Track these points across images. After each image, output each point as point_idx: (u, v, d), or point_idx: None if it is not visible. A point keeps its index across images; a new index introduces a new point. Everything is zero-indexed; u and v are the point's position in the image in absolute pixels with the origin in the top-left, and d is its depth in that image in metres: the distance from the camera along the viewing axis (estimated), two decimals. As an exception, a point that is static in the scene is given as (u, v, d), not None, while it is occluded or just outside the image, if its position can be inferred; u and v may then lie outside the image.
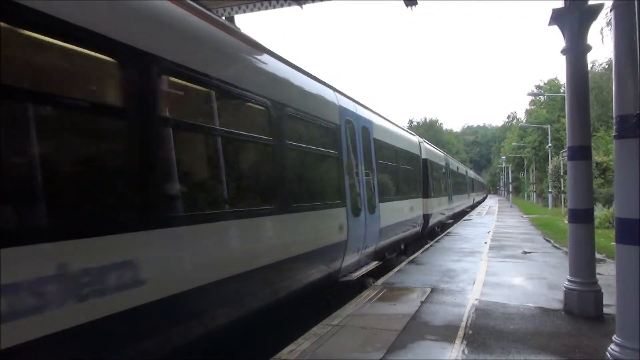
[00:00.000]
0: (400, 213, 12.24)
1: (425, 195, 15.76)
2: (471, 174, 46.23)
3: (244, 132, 5.36)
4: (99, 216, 3.46)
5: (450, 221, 24.03)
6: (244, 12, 9.21)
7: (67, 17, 3.09)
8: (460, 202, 29.34)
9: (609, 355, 4.37)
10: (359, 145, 8.95)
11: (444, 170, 21.41)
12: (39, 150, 2.98)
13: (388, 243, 10.89)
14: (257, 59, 5.87)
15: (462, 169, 34.41)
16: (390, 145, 11.76)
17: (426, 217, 15.64)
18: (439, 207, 18.49)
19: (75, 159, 3.40)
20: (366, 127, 9.60)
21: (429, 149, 17.77)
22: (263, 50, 6.01)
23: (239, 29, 5.76)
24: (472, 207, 42.47)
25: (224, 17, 8.49)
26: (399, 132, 13.47)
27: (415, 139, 16.07)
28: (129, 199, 3.70)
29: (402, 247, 13.23)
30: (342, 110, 8.37)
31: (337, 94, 8.36)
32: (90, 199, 3.43)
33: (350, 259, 8.23)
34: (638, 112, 4.07)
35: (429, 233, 17.09)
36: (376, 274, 9.87)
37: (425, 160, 16.25)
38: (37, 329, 2.79)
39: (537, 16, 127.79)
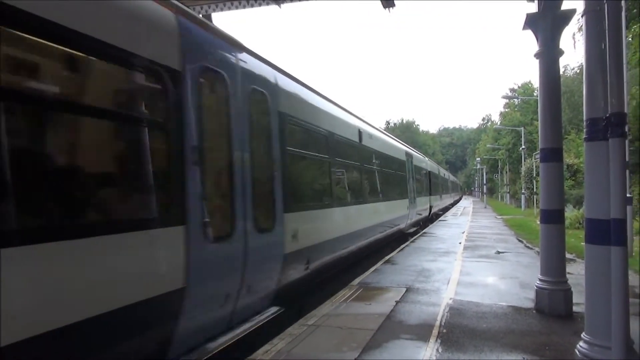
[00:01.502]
0: None
1: None
2: (425, 162, 26.12)
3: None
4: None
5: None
6: (222, 10, 9.15)
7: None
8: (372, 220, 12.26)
9: (578, 353, 4.47)
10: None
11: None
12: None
13: None
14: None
15: (397, 148, 17.51)
16: None
17: None
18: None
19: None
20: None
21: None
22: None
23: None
24: (428, 220, 25.84)
25: (201, 15, 8.40)
26: None
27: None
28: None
29: None
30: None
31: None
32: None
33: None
34: (607, 115, 4.18)
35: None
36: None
37: None
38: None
39: (512, 20, 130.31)
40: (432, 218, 27.93)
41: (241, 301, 5.27)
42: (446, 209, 40.58)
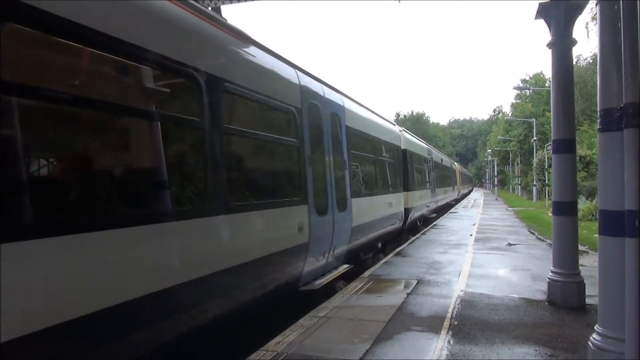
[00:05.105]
0: None
1: None
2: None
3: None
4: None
5: None
6: (231, 2, 9.11)
7: None
8: None
9: (591, 345, 4.44)
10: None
11: None
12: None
13: None
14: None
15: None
16: None
17: None
18: None
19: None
20: None
21: None
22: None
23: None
24: (444, 208, 28.18)
25: (210, 8, 8.39)
26: None
27: None
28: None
29: None
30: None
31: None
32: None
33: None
34: (622, 105, 4.11)
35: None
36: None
37: None
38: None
39: (523, 10, 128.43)
40: (446, 207, 29.51)
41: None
42: (458, 200, 40.71)
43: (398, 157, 14.33)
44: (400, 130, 15.47)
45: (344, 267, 8.46)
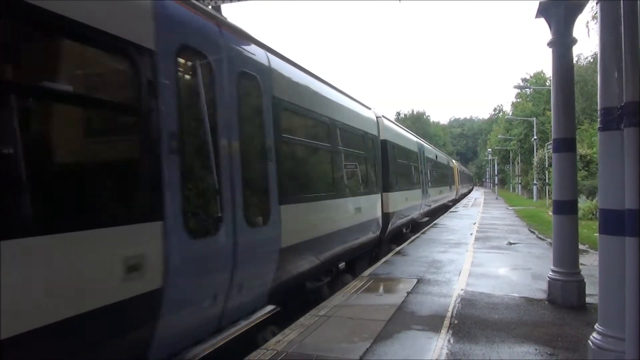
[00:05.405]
0: None
1: None
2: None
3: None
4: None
5: None
6: (231, 1, 9.11)
7: None
8: None
9: (591, 344, 4.44)
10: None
11: None
12: None
13: None
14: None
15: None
16: None
17: None
18: None
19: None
20: None
21: None
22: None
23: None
24: (441, 211, 26.57)
25: (210, 7, 8.38)
26: None
27: None
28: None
29: None
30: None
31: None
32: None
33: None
34: (622, 104, 4.11)
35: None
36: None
37: None
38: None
39: (524, 9, 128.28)
40: (442, 209, 28.13)
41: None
42: (456, 201, 39.86)
43: (374, 150, 11.13)
44: (378, 117, 12.12)
45: (264, 312, 5.39)
